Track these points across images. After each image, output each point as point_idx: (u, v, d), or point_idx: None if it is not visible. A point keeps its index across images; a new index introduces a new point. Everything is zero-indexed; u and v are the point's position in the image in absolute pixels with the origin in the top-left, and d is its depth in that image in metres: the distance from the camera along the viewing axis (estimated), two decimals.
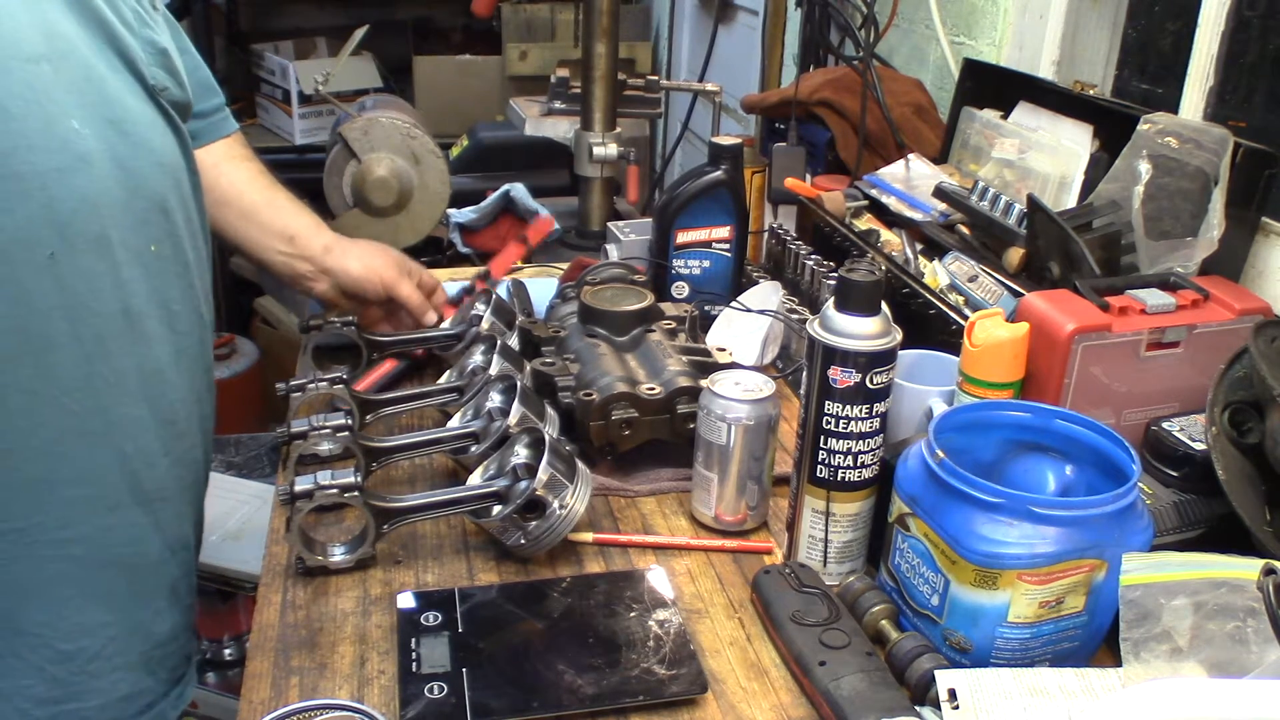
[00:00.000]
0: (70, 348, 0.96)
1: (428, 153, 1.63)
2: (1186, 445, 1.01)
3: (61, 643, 1.01)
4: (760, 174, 1.71)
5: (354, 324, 1.32)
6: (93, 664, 1.03)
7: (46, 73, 0.92)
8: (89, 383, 0.97)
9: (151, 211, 1.02)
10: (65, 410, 0.97)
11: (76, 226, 0.94)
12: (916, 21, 1.95)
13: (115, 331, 0.99)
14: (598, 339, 1.24)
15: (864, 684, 0.82)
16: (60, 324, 0.95)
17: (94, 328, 0.97)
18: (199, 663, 2.13)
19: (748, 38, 2.82)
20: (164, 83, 1.04)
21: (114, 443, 1.01)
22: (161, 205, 1.03)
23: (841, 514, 0.98)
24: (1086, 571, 0.83)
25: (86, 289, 0.96)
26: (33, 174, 0.91)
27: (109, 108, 0.97)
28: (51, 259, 0.93)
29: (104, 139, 0.96)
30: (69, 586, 1.01)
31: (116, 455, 1.01)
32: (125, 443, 1.01)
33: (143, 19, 1.04)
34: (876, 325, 0.92)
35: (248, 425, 2.87)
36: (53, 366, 0.95)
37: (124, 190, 0.98)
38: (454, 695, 0.83)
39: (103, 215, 0.96)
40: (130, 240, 0.99)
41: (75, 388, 0.97)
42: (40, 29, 0.93)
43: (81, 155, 0.94)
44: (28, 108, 0.91)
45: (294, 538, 0.98)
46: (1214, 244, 1.13)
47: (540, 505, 0.99)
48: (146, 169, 1.01)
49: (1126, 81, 1.63)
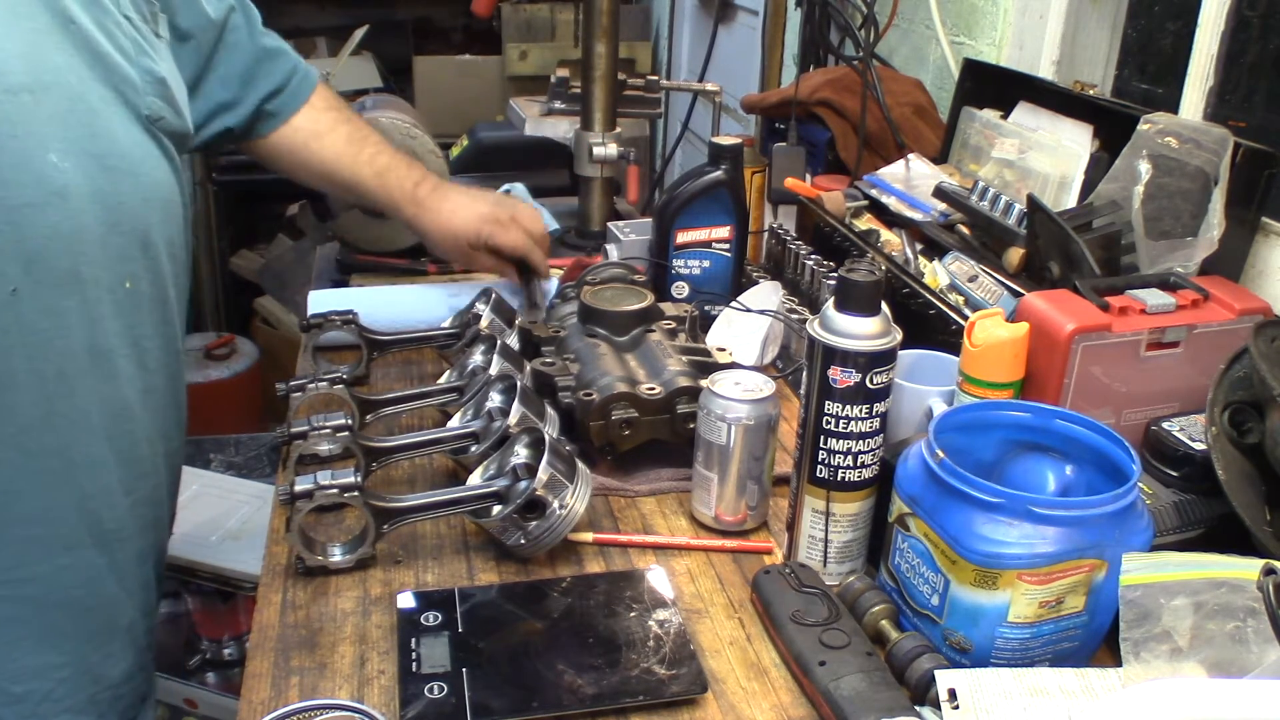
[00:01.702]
0: (29, 385, 0.93)
1: (428, 153, 1.63)
2: (1186, 445, 1.01)
3: (11, 684, 0.98)
4: (760, 174, 1.71)
5: (354, 323, 1.33)
6: (42, 706, 1.00)
7: (27, 103, 0.90)
8: (48, 421, 0.95)
9: (131, 246, 1.00)
10: (22, 449, 0.94)
11: (45, 262, 0.92)
12: (916, 21, 1.95)
13: (79, 369, 0.96)
14: (598, 339, 1.24)
15: (864, 684, 0.82)
16: (20, 362, 0.92)
17: (56, 365, 0.94)
18: (199, 663, 2.14)
19: (748, 38, 2.82)
20: (160, 112, 1.03)
21: (74, 482, 0.98)
22: (143, 240, 1.01)
23: (841, 514, 0.98)
24: (1086, 571, 0.83)
25: (51, 326, 0.94)
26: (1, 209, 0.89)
27: (94, 140, 0.95)
28: (13, 295, 0.91)
29: (85, 172, 0.94)
30: (20, 627, 0.98)
31: (75, 494, 0.98)
32: (85, 482, 0.99)
33: (141, 47, 1.02)
34: (876, 325, 0.92)
35: (248, 425, 2.87)
36: (9, 404, 0.92)
37: (102, 225, 0.96)
38: (454, 695, 0.83)
39: (75, 250, 0.94)
40: (103, 276, 0.97)
41: (33, 426, 0.94)
42: (25, 59, 0.91)
43: (57, 190, 0.92)
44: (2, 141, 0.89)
45: (294, 538, 0.98)
46: (1214, 244, 1.13)
47: (540, 505, 0.99)
48: (130, 203, 0.99)
49: (1126, 81, 1.63)
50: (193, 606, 2.12)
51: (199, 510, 2.15)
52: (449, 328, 1.36)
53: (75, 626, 1.02)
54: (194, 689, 2.08)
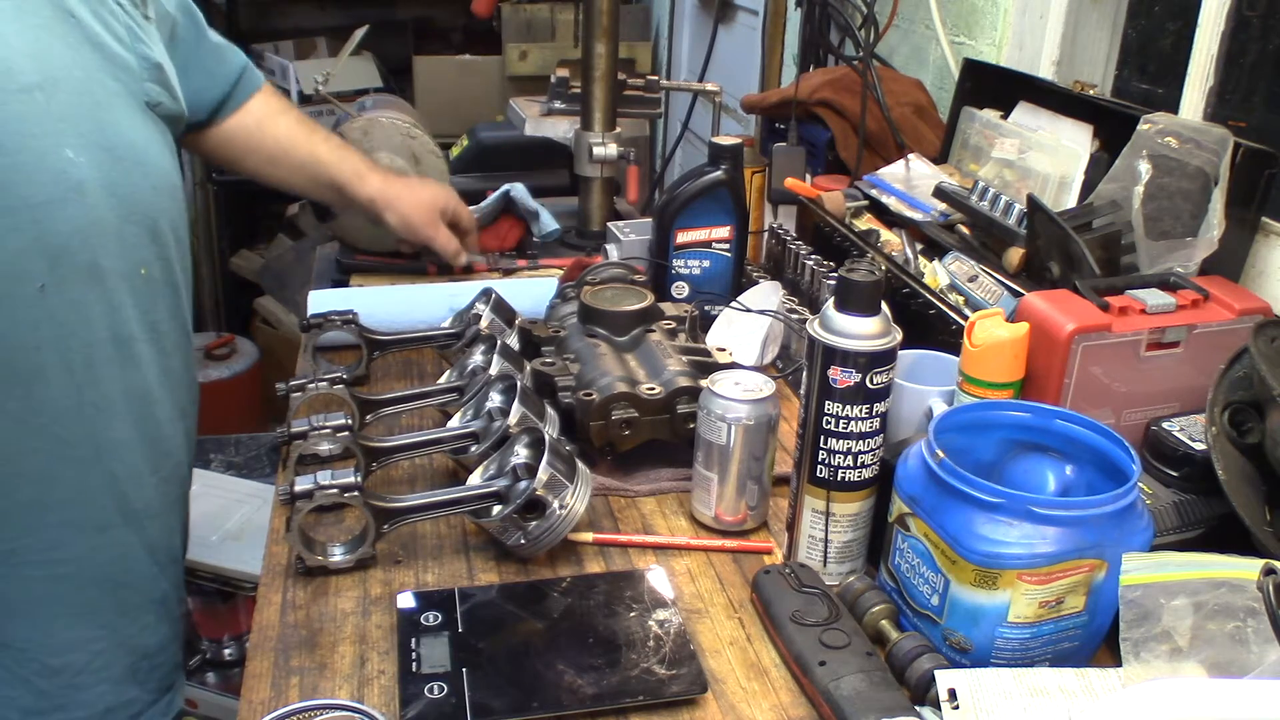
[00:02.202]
0: (60, 378, 0.96)
1: (428, 153, 1.63)
2: (1186, 445, 1.01)
3: (49, 658, 1.01)
4: (760, 174, 1.71)
5: (354, 323, 1.32)
6: (79, 677, 1.03)
7: (40, 101, 0.91)
8: (78, 409, 0.98)
9: (143, 235, 1.01)
10: (55, 437, 0.97)
11: (68, 257, 0.93)
12: (916, 21, 1.95)
13: (104, 357, 0.99)
14: (598, 339, 1.24)
15: (864, 684, 0.82)
16: (50, 355, 0.94)
17: (84, 356, 0.97)
18: (199, 663, 2.14)
19: (748, 38, 2.82)
20: (158, 98, 1.03)
21: (104, 465, 1.01)
22: (153, 227, 1.02)
23: (841, 514, 0.98)
24: (1086, 571, 0.83)
25: (77, 318, 0.96)
26: (24, 207, 0.90)
27: (103, 132, 0.96)
28: (42, 291, 0.92)
29: (98, 165, 0.95)
30: (57, 605, 1.01)
31: (105, 477, 1.01)
32: (115, 464, 1.02)
33: (135, 34, 1.02)
34: (876, 325, 0.92)
35: (248, 425, 2.87)
36: (43, 396, 0.95)
37: (116, 216, 0.97)
38: (454, 695, 0.83)
39: (94, 244, 0.95)
40: (120, 266, 0.99)
41: (65, 415, 0.97)
42: (33, 56, 0.91)
43: (75, 185, 0.93)
44: (21, 140, 0.89)
45: (294, 538, 0.98)
46: (1214, 244, 1.13)
47: (540, 505, 0.99)
48: (141, 193, 1.00)
49: (1126, 81, 1.63)
50: (193, 606, 2.12)
51: (199, 510, 2.12)
52: (449, 328, 1.36)
53: (110, 601, 1.05)
54: (194, 689, 2.08)
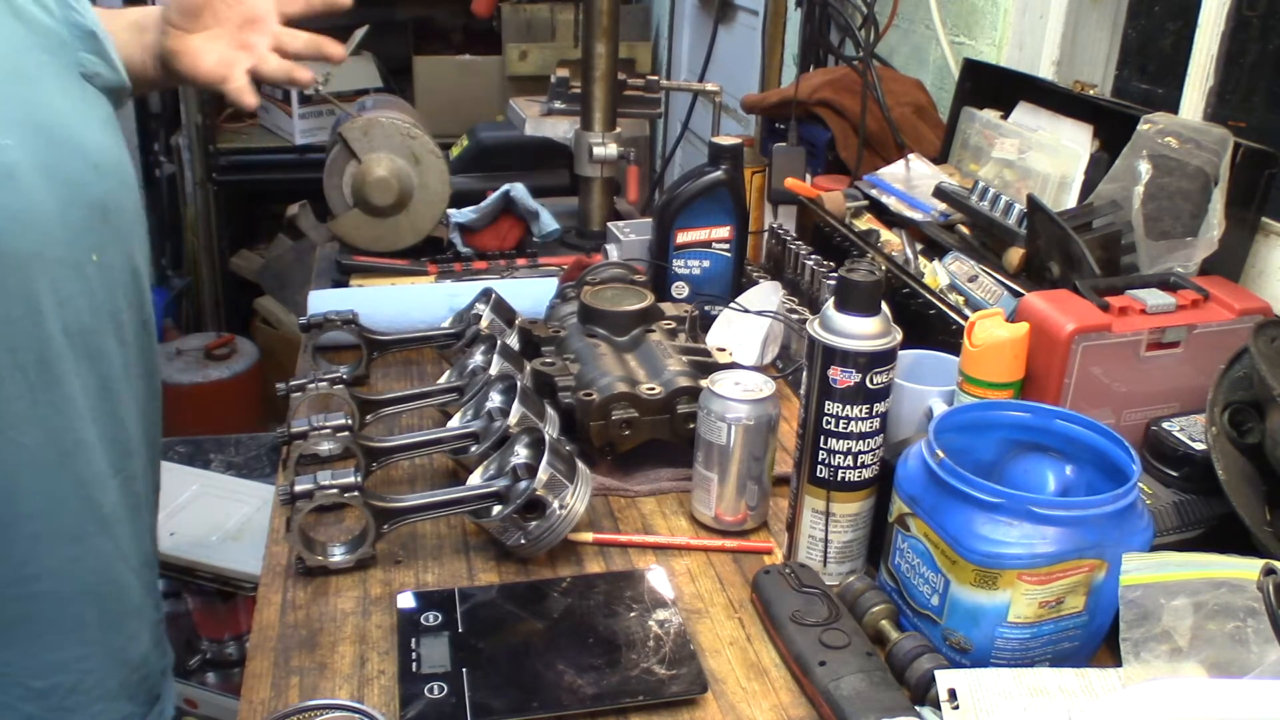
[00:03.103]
0: (12, 378, 0.88)
1: (428, 153, 1.63)
2: (1186, 445, 1.01)
3: (34, 680, 0.95)
4: (760, 174, 1.72)
5: (354, 323, 1.32)
6: (70, 698, 0.98)
7: None
8: (34, 411, 0.90)
9: (90, 219, 0.93)
10: (14, 444, 0.89)
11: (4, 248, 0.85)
12: (916, 21, 1.95)
13: (58, 353, 0.91)
14: (598, 339, 1.24)
15: (864, 684, 0.82)
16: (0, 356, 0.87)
17: (35, 352, 0.89)
18: (199, 663, 2.14)
19: (748, 38, 2.82)
20: (94, 68, 0.96)
21: (69, 469, 0.94)
22: (102, 209, 0.94)
23: (841, 514, 0.98)
24: (1086, 571, 0.83)
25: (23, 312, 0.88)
26: None
27: (35, 110, 0.89)
28: None
29: (29, 147, 0.87)
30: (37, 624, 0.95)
31: (72, 482, 0.94)
32: (80, 468, 0.95)
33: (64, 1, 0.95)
34: (876, 325, 0.92)
35: (248, 425, 2.87)
36: None
37: (57, 201, 0.89)
38: (454, 695, 0.83)
39: (33, 232, 0.87)
40: (68, 255, 0.91)
41: (21, 418, 0.89)
42: None
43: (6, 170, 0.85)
44: None
45: (294, 538, 0.98)
46: (1214, 244, 1.13)
47: (540, 505, 0.99)
48: (82, 174, 0.92)
49: (1126, 81, 1.63)
50: (193, 606, 2.12)
51: (199, 510, 2.15)
52: (449, 328, 1.36)
53: (95, 615, 0.99)
54: (194, 689, 2.08)
